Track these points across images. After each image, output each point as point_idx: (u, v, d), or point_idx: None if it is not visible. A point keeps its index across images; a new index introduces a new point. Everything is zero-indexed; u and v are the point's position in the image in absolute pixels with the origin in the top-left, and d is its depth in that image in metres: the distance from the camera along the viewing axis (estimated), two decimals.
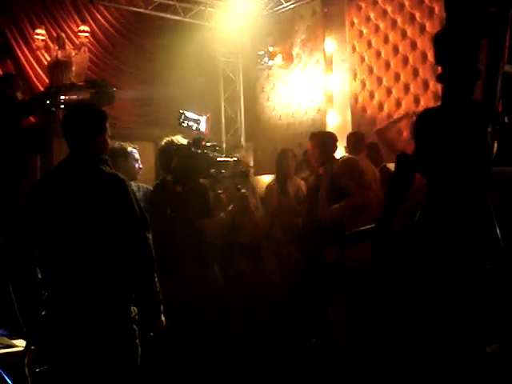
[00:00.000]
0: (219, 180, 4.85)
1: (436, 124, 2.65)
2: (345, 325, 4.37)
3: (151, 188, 4.85)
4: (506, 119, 2.71)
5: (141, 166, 4.74)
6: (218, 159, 4.78)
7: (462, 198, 2.56)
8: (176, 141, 4.75)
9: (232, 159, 4.90)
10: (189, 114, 4.87)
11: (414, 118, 5.04)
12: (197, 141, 4.73)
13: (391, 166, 4.14)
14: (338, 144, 5.36)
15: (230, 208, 4.94)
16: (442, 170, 2.59)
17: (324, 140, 5.30)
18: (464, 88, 2.63)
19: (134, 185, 4.92)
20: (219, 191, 4.90)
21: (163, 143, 4.79)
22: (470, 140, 2.57)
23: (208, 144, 4.76)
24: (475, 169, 2.58)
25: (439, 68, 2.65)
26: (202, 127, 4.96)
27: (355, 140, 5.56)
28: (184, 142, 4.75)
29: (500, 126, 2.71)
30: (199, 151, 4.69)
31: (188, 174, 4.64)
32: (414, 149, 2.64)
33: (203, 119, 5.01)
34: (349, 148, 5.56)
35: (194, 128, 4.86)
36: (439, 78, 2.69)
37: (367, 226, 3.00)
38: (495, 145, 2.76)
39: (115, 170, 4.98)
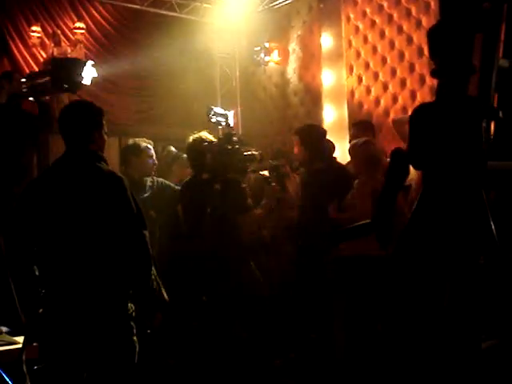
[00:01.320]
0: (248, 175, 4.88)
1: (431, 119, 2.66)
2: (342, 321, 4.38)
3: (168, 182, 4.84)
4: (501, 114, 2.71)
5: (156, 162, 4.74)
6: (245, 153, 4.74)
7: (456, 193, 2.57)
8: (204, 137, 4.74)
9: (257, 152, 4.85)
10: (217, 109, 4.87)
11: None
12: (228, 136, 4.72)
13: None
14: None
15: (263, 202, 4.95)
16: (436, 165, 2.60)
17: (306, 136, 5.22)
18: (459, 83, 2.63)
19: (149, 180, 4.95)
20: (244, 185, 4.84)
21: (191, 140, 4.79)
22: (465, 135, 2.58)
23: (236, 139, 4.72)
24: (470, 163, 2.59)
25: (434, 62, 2.66)
26: (231, 122, 4.93)
27: (364, 128, 5.48)
28: (211, 138, 4.76)
29: (495, 120, 2.72)
30: (230, 147, 4.66)
31: (225, 170, 4.60)
32: (408, 144, 2.66)
33: (231, 114, 5.00)
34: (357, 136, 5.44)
35: (223, 123, 4.85)
36: (434, 73, 2.69)
37: (362, 222, 3.01)
38: (490, 139, 2.77)
39: (127, 167, 5.03)
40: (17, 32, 8.24)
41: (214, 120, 4.78)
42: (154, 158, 4.76)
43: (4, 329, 3.72)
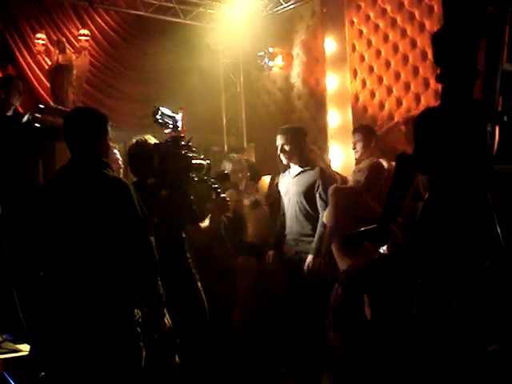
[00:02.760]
0: (193, 185, 4.40)
1: (436, 123, 2.66)
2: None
3: None
4: (505, 118, 2.72)
5: (122, 166, 4.58)
6: (193, 161, 4.34)
7: (462, 197, 2.57)
8: (148, 140, 4.36)
9: (206, 162, 4.46)
10: (165, 110, 4.45)
11: (403, 126, 5.05)
12: (176, 140, 4.34)
13: None
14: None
15: (210, 216, 4.53)
16: (442, 169, 2.60)
17: (296, 135, 5.28)
18: (463, 87, 2.63)
19: None
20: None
21: (134, 142, 4.40)
22: (470, 139, 2.58)
23: (184, 144, 4.35)
24: (475, 168, 2.59)
25: (438, 67, 2.66)
26: (179, 124, 4.51)
27: (367, 132, 5.49)
28: (155, 141, 4.35)
29: (500, 124, 2.72)
30: (178, 151, 4.28)
31: (173, 176, 4.19)
32: (414, 148, 2.66)
33: (179, 116, 4.57)
34: (362, 141, 5.45)
35: (170, 125, 4.42)
36: (438, 78, 2.69)
37: (368, 227, 3.02)
38: (495, 143, 2.78)
39: None
40: (21, 39, 8.27)
41: (160, 121, 4.38)
42: (120, 162, 4.61)
43: (7, 337, 3.74)
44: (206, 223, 4.46)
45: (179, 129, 4.48)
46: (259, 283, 5.54)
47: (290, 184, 5.49)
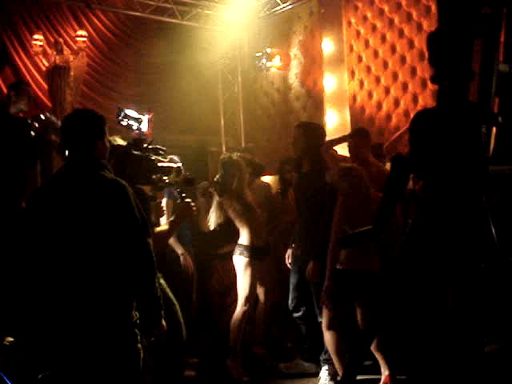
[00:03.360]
0: (160, 187, 4.32)
1: (431, 125, 2.66)
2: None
3: None
4: (500, 119, 2.72)
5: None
6: (160, 164, 4.24)
7: (457, 198, 2.57)
8: (113, 141, 4.19)
9: (176, 165, 4.37)
10: (129, 112, 4.41)
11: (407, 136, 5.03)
12: (137, 141, 4.24)
13: None
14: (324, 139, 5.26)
15: (171, 218, 4.39)
16: (436, 171, 2.60)
17: (310, 131, 5.16)
18: (458, 89, 2.63)
19: None
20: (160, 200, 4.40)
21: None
22: (465, 140, 2.58)
23: (150, 146, 4.23)
24: (470, 169, 2.59)
25: (433, 68, 2.66)
26: (144, 127, 4.46)
27: (360, 136, 5.44)
28: (122, 143, 4.22)
29: (495, 125, 2.72)
30: (139, 153, 4.13)
31: (131, 178, 3.96)
32: (408, 150, 2.67)
33: (145, 118, 4.52)
34: (355, 145, 5.40)
35: (134, 127, 4.38)
36: (433, 80, 2.69)
37: (363, 228, 3.02)
38: (491, 144, 2.78)
39: None
40: (19, 41, 8.27)
41: (124, 123, 4.36)
42: None
43: (9, 339, 3.75)
44: (163, 228, 4.27)
45: (144, 131, 4.44)
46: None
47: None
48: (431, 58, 2.72)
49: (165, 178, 4.25)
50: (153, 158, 4.17)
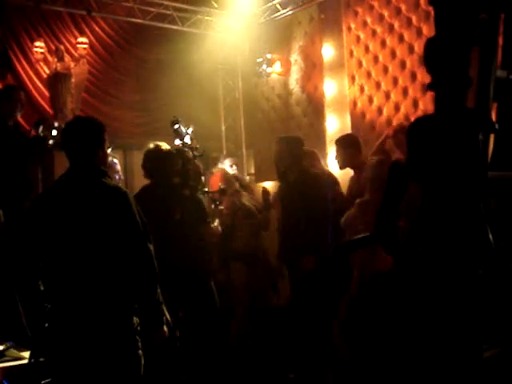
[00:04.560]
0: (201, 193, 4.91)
1: (428, 132, 2.67)
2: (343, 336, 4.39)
3: None
4: (497, 126, 2.73)
5: (122, 177, 4.71)
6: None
7: (454, 205, 2.58)
8: (163, 146, 4.79)
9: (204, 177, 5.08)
10: (181, 123, 5.08)
11: (390, 140, 5.08)
12: (192, 149, 4.88)
13: None
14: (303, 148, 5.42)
15: (215, 223, 5.04)
16: (434, 178, 2.61)
17: (291, 144, 5.37)
18: (456, 95, 2.64)
19: None
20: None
21: (153, 146, 4.80)
22: (462, 147, 2.59)
23: (198, 154, 4.89)
24: (467, 176, 2.60)
25: (431, 75, 2.67)
26: (188, 138, 5.07)
27: (349, 143, 5.50)
28: (167, 147, 4.82)
29: (492, 132, 2.72)
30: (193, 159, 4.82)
31: (192, 178, 4.69)
32: (407, 157, 2.67)
33: (189, 131, 5.12)
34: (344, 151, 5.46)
35: (184, 137, 5.01)
36: (430, 87, 2.70)
37: (364, 234, 3.03)
38: (490, 150, 2.78)
39: None
40: (20, 48, 8.29)
41: (178, 131, 5.01)
42: (121, 173, 4.72)
43: (10, 344, 3.74)
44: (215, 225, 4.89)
45: (188, 142, 5.02)
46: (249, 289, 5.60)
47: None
48: (428, 65, 2.74)
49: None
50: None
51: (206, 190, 5.06)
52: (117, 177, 4.66)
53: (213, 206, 5.09)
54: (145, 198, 4.45)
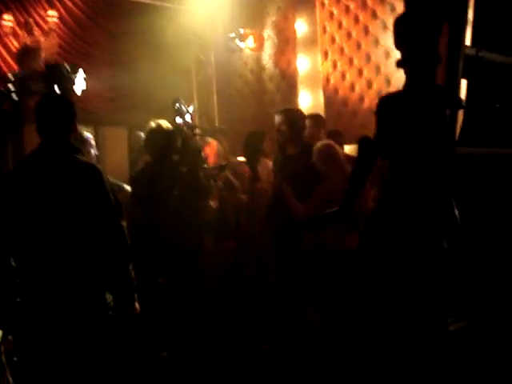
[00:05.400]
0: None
1: (397, 108, 2.69)
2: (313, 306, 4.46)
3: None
4: (463, 102, 2.76)
5: (97, 153, 4.70)
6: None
7: (420, 180, 2.61)
8: (164, 124, 5.00)
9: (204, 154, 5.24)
10: (182, 101, 5.37)
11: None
12: (192, 127, 5.09)
13: None
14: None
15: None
16: (401, 153, 2.63)
17: (292, 116, 5.34)
18: (424, 72, 2.66)
19: None
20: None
21: (155, 124, 5.02)
22: (430, 123, 2.61)
23: (198, 133, 5.15)
24: (434, 152, 2.62)
25: (399, 51, 2.68)
26: (189, 116, 5.28)
27: (315, 122, 5.56)
28: (169, 126, 5.00)
29: (459, 108, 2.75)
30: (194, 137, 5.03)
31: (193, 156, 4.84)
32: (375, 132, 2.69)
33: (191, 109, 5.37)
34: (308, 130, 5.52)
35: (185, 115, 5.22)
36: (399, 63, 2.71)
37: (330, 210, 3.05)
38: (456, 127, 2.81)
39: None
40: None
41: (179, 109, 5.21)
42: (95, 148, 4.71)
43: None
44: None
45: (188, 120, 5.22)
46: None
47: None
48: (397, 41, 2.74)
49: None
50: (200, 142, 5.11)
51: (205, 166, 5.17)
52: (92, 151, 4.60)
53: (212, 181, 5.22)
54: (144, 175, 4.87)
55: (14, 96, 5.61)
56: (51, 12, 8.30)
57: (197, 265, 4.87)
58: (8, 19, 8.04)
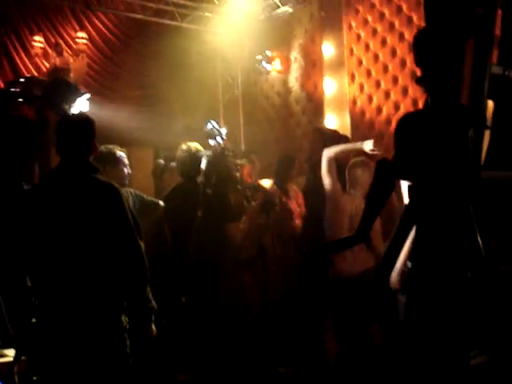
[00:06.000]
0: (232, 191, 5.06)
1: (417, 128, 2.60)
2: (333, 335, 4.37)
3: (141, 193, 4.87)
4: (489, 123, 2.66)
5: (130, 172, 4.66)
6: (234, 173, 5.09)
7: (442, 205, 2.51)
8: (195, 147, 5.08)
9: (238, 174, 5.19)
10: (214, 123, 5.42)
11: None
12: (223, 149, 5.14)
13: None
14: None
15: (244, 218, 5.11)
16: (422, 176, 2.53)
17: (325, 136, 5.30)
18: (446, 90, 2.57)
19: (124, 190, 4.92)
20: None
21: (186, 147, 5.08)
22: (452, 145, 2.51)
23: (230, 154, 5.13)
24: (457, 175, 2.52)
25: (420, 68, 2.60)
26: (221, 138, 5.37)
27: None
28: (200, 149, 5.09)
29: (482, 129, 2.65)
30: (223, 160, 5.00)
31: (217, 178, 4.86)
32: (393, 154, 2.59)
33: (223, 131, 5.42)
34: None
35: (217, 137, 5.31)
36: (419, 81, 2.63)
37: (346, 235, 2.97)
38: (484, 149, 2.72)
39: (104, 176, 5.04)
40: (19, 42, 8.26)
41: (211, 132, 5.31)
42: (129, 167, 4.69)
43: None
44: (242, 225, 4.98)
45: (221, 142, 5.33)
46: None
47: None
48: (417, 57, 2.66)
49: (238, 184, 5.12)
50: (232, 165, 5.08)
51: (239, 187, 5.19)
52: (125, 170, 4.60)
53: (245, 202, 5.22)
54: (172, 196, 4.98)
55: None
56: (81, 34, 8.45)
57: (216, 286, 4.81)
58: (39, 40, 8.20)
